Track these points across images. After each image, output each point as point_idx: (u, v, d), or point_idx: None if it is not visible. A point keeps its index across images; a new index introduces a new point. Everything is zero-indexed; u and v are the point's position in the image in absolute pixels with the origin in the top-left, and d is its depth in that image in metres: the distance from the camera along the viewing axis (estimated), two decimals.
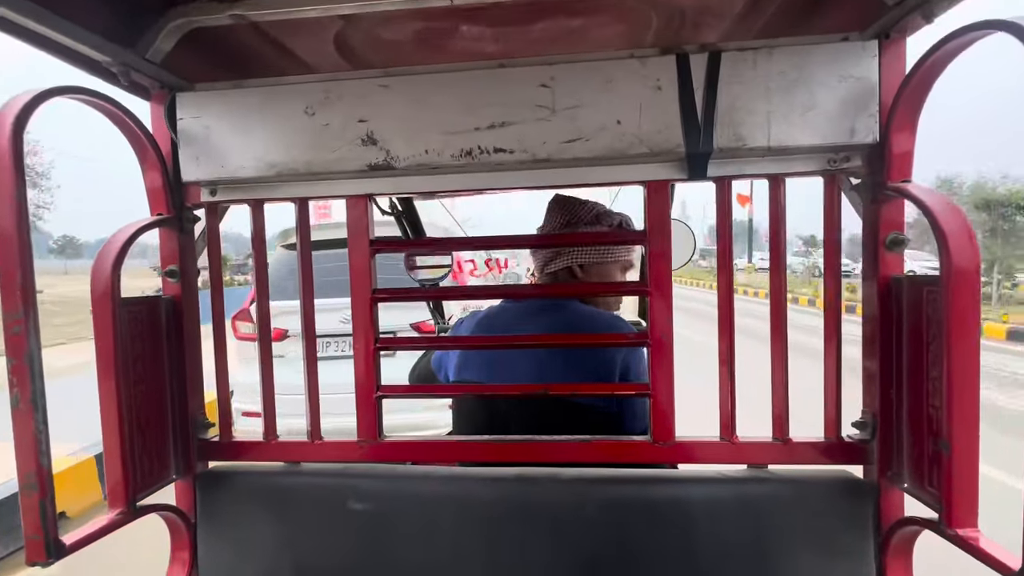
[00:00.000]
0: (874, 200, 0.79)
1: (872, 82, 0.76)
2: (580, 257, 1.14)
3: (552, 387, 0.89)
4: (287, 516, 0.91)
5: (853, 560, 0.81)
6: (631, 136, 0.79)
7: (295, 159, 0.85)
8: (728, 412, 0.85)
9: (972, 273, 0.63)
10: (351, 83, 0.84)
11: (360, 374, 0.90)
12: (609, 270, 1.16)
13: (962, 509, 0.65)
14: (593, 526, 0.84)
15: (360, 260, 0.88)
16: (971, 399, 0.64)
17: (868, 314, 0.83)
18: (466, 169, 0.83)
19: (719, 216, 0.85)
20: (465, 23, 0.91)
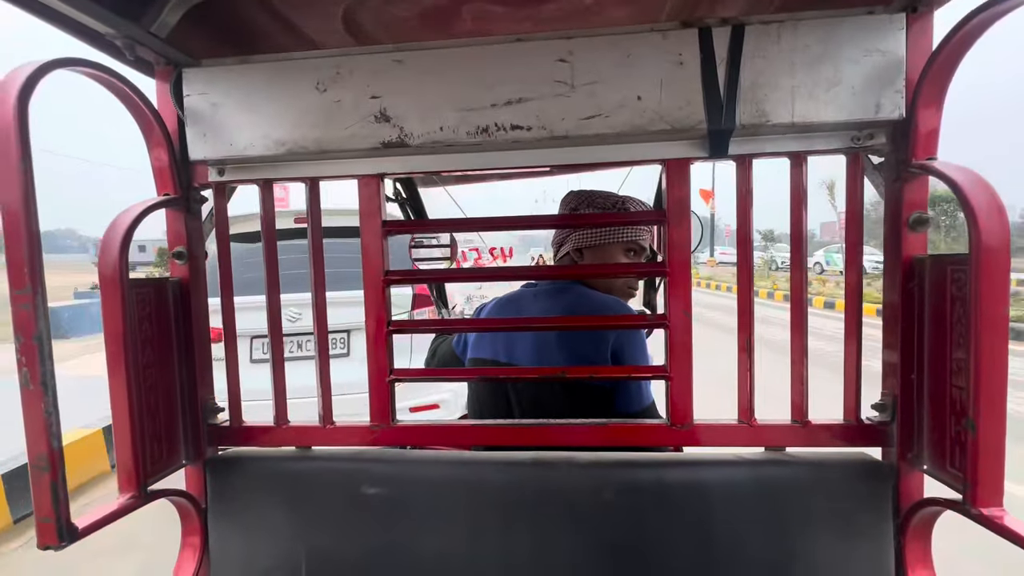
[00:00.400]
0: (897, 179, 0.78)
1: (899, 56, 0.74)
2: (579, 241, 1.17)
3: (570, 371, 0.88)
4: (299, 501, 0.90)
5: (872, 542, 0.80)
6: (651, 112, 0.78)
7: (305, 137, 0.83)
8: (747, 396, 0.84)
9: (1002, 250, 0.62)
10: (363, 58, 0.81)
11: (372, 358, 0.88)
12: (609, 253, 1.16)
13: (988, 488, 0.64)
14: (611, 510, 0.84)
15: (372, 241, 0.87)
16: (1000, 377, 0.63)
17: (889, 296, 0.81)
18: (482, 147, 0.82)
19: (740, 197, 0.83)
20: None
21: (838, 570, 0.81)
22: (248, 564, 0.90)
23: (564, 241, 1.20)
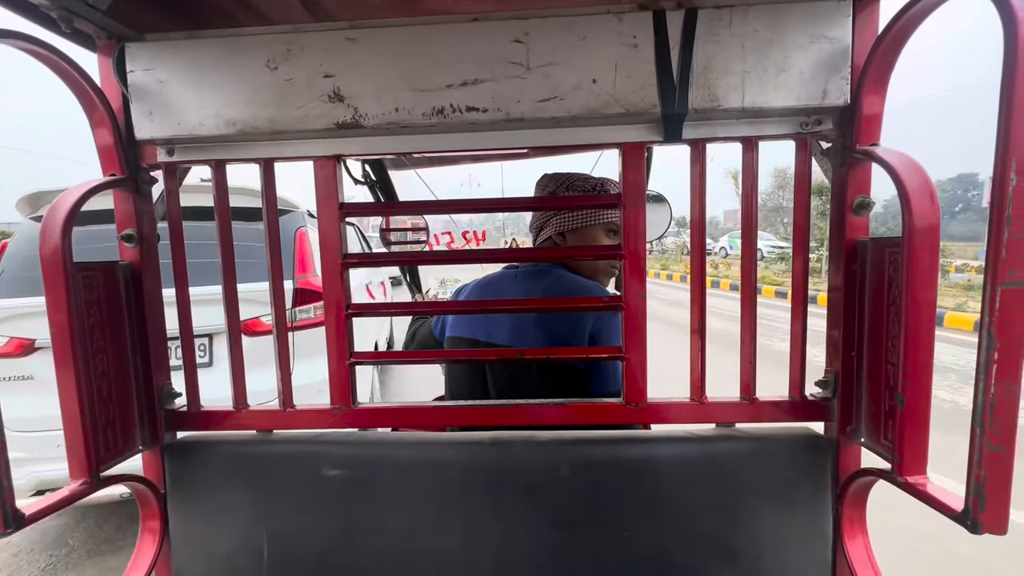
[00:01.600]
0: (843, 163, 0.80)
1: (845, 43, 0.76)
2: (561, 225, 1.18)
3: (528, 352, 0.89)
4: (260, 484, 0.90)
5: (813, 510, 0.85)
6: (606, 95, 0.78)
7: (257, 116, 0.81)
8: (698, 374, 0.87)
9: (932, 231, 0.65)
10: (315, 35, 0.79)
11: (332, 341, 0.88)
12: (592, 234, 1.18)
13: (913, 458, 0.68)
14: (568, 486, 0.86)
15: (329, 225, 0.86)
16: (926, 355, 0.66)
17: (833, 277, 0.85)
18: (438, 128, 0.81)
19: (694, 181, 0.85)
20: None
21: (781, 537, 0.86)
22: (209, 548, 0.90)
23: (544, 225, 1.21)
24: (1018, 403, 0.57)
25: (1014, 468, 0.58)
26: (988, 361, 0.56)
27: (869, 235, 0.81)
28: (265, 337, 2.50)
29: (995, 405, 0.57)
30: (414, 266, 2.19)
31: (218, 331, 2.50)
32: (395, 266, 2.10)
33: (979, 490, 0.58)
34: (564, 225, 1.18)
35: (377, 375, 4.04)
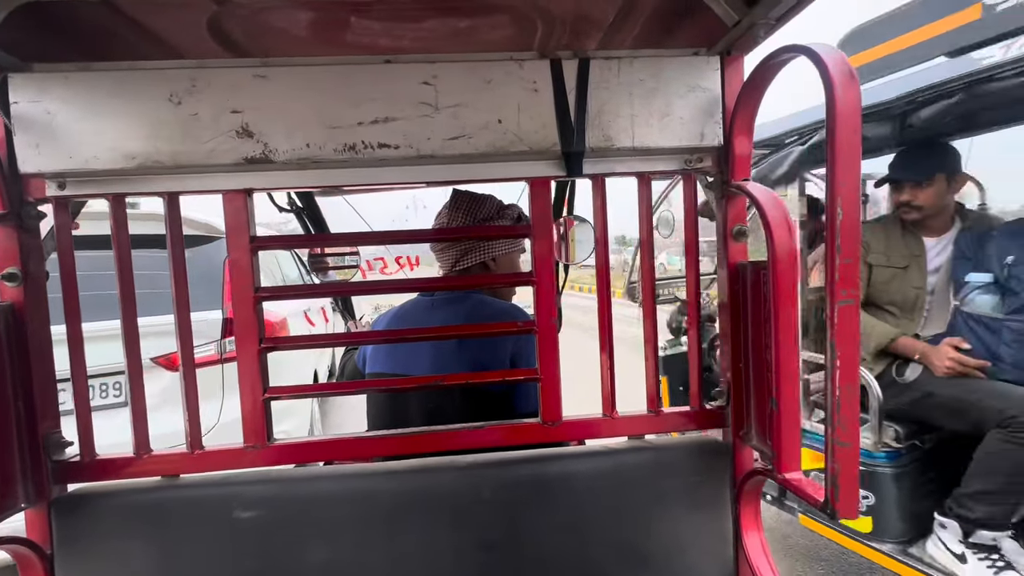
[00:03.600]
0: (723, 196, 0.91)
1: (716, 92, 0.87)
2: (493, 251, 1.20)
3: (447, 378, 0.91)
4: (163, 535, 0.85)
5: (715, 510, 0.92)
6: (511, 135, 0.84)
7: (159, 150, 0.79)
8: (608, 391, 0.93)
9: (790, 256, 0.75)
10: (222, 71, 0.80)
11: (245, 377, 0.86)
12: (516, 258, 1.22)
13: (788, 456, 0.77)
14: (490, 508, 0.88)
15: (240, 258, 0.84)
16: (792, 362, 0.76)
17: (721, 296, 0.94)
18: (349, 164, 0.83)
19: (596, 211, 0.92)
20: (353, 15, 0.90)
21: (688, 539, 0.92)
22: None
23: (469, 251, 1.21)
24: (858, 402, 0.67)
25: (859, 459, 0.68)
26: (832, 368, 0.65)
27: (748, 259, 0.92)
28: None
29: (840, 405, 0.66)
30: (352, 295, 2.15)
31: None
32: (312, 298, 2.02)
33: (834, 482, 0.67)
34: (499, 251, 1.21)
35: (317, 406, 3.86)
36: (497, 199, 1.24)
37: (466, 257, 1.22)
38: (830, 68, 0.63)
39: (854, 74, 0.63)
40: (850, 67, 0.64)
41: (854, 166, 0.63)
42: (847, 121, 0.62)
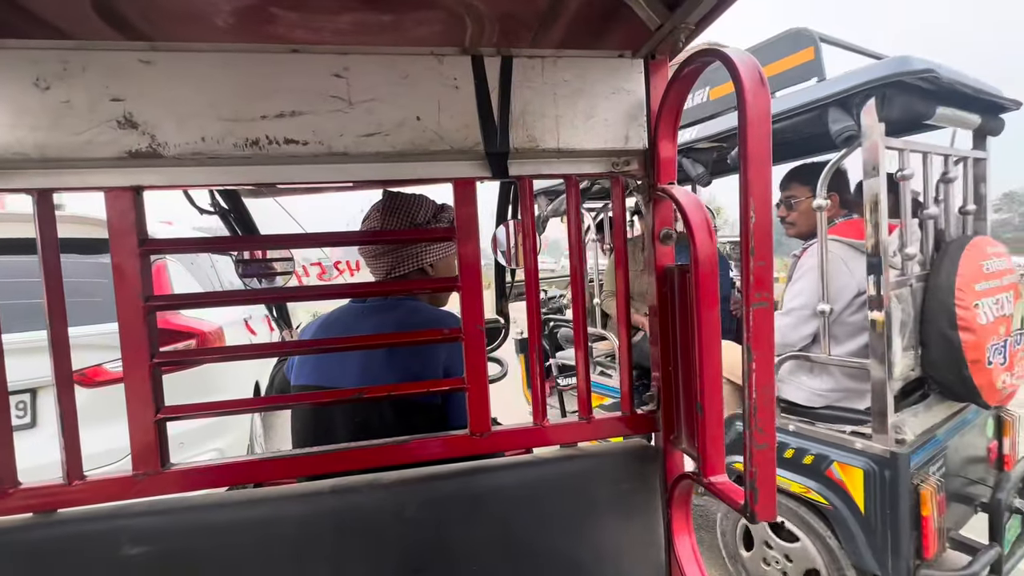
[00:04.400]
0: (649, 199, 0.90)
1: (641, 96, 0.86)
2: (430, 255, 1.15)
3: (369, 390, 0.85)
4: None
5: (647, 515, 0.91)
6: (431, 133, 0.80)
7: (22, 141, 0.69)
8: (539, 399, 0.90)
9: (711, 259, 0.75)
10: (99, 54, 0.71)
11: (134, 395, 0.77)
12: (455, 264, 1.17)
13: (712, 460, 0.77)
14: (415, 527, 0.83)
15: (126, 263, 0.76)
16: (715, 367, 0.76)
17: (650, 299, 0.94)
18: (253, 161, 0.76)
19: (523, 214, 0.89)
20: (270, 2, 0.83)
21: (621, 545, 0.91)
22: None
23: (407, 256, 1.15)
24: (774, 404, 0.67)
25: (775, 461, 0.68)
26: (749, 371, 0.65)
27: (675, 262, 0.92)
28: (112, 387, 2.13)
29: (757, 408, 0.66)
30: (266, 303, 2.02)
31: (44, 384, 2.09)
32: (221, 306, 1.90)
33: (752, 484, 0.66)
34: (435, 256, 1.15)
35: (259, 420, 3.63)
36: (431, 200, 1.19)
37: (403, 263, 1.15)
38: (742, 73, 0.63)
39: (764, 80, 0.64)
40: (761, 73, 0.64)
41: (765, 170, 0.63)
42: (758, 125, 0.62)
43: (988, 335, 1.66)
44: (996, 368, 1.70)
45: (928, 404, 1.84)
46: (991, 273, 1.73)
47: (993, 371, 1.68)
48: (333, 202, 1.88)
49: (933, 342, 1.69)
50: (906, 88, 1.55)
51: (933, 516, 1.56)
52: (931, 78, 1.53)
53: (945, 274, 1.68)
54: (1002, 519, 1.73)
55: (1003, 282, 1.77)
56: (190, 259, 2.99)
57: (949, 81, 1.57)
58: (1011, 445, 2.07)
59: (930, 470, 1.64)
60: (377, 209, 1.14)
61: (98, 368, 2.17)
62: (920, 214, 1.80)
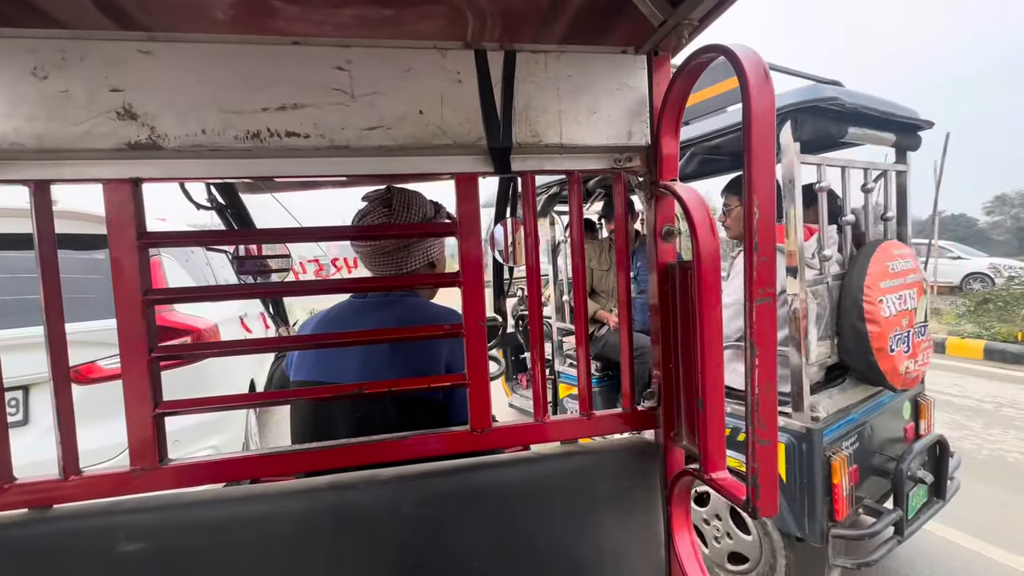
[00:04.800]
0: (651, 196, 0.90)
1: (643, 92, 0.86)
2: (434, 251, 1.15)
3: (368, 386, 0.85)
4: (34, 574, 0.73)
5: (647, 512, 0.92)
6: (434, 127, 0.79)
7: (19, 131, 0.68)
8: (540, 395, 0.90)
9: (713, 256, 0.75)
10: (98, 44, 0.70)
11: (132, 390, 0.76)
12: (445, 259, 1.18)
13: (714, 456, 0.77)
14: (414, 524, 0.83)
15: (124, 256, 0.75)
16: (716, 363, 0.76)
17: (652, 296, 0.94)
18: (254, 153, 0.75)
19: (525, 210, 0.89)
20: None
21: (621, 542, 0.91)
22: None
23: (415, 252, 1.12)
24: (776, 400, 0.67)
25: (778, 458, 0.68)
26: (751, 367, 0.65)
27: (677, 259, 0.92)
28: (106, 384, 2.11)
29: (759, 404, 0.66)
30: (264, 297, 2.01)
31: (38, 381, 2.07)
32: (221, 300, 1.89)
33: (755, 480, 0.67)
34: (436, 250, 1.15)
35: (255, 417, 3.60)
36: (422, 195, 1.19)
37: (415, 259, 1.13)
38: (746, 68, 0.63)
39: (769, 75, 0.64)
40: (766, 68, 0.64)
41: (769, 166, 0.63)
42: (762, 121, 0.62)
43: (891, 327, 1.89)
44: (899, 355, 1.93)
45: (844, 388, 2.03)
46: (896, 273, 1.96)
47: (896, 358, 1.91)
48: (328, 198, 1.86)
49: (846, 333, 1.92)
50: (817, 112, 1.77)
51: (843, 484, 1.76)
52: (837, 104, 1.77)
53: (857, 273, 1.89)
54: (903, 487, 1.92)
55: (907, 280, 2.00)
56: (185, 256, 2.97)
57: (853, 106, 1.82)
58: (927, 426, 2.31)
59: (842, 445, 1.85)
60: (384, 205, 1.11)
61: (92, 365, 2.15)
62: (839, 220, 2.01)
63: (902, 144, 2.23)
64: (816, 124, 1.79)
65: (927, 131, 2.29)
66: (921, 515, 2.06)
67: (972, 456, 3.50)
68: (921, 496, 2.09)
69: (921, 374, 2.10)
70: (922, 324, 2.09)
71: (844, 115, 1.86)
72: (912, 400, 2.29)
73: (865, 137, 2.01)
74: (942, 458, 2.16)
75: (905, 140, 2.21)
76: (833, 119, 1.85)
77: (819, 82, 2.10)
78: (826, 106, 1.77)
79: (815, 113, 1.78)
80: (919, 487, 2.04)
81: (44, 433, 2.06)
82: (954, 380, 5.36)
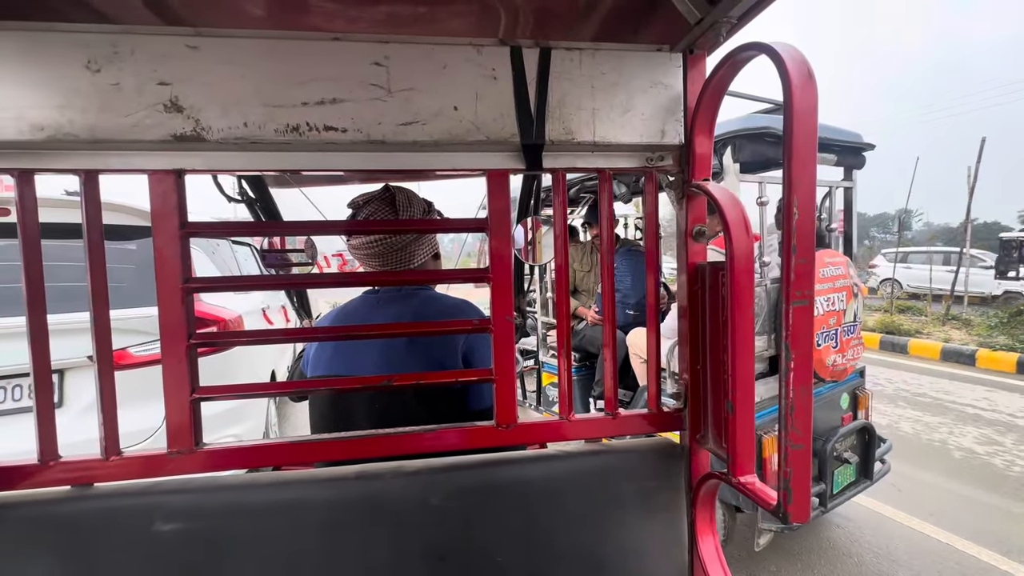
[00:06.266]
0: (683, 195, 0.90)
1: (678, 90, 0.86)
2: (435, 244, 1.18)
3: (396, 378, 0.86)
4: (75, 550, 0.76)
5: (670, 514, 0.91)
6: (468, 123, 0.80)
7: (73, 122, 0.71)
8: (565, 394, 0.90)
9: (748, 257, 0.74)
10: (148, 39, 0.72)
11: (171, 376, 0.78)
12: None
13: (743, 460, 0.76)
14: (439, 516, 0.84)
15: (167, 245, 0.77)
16: (747, 365, 0.75)
17: (681, 297, 0.93)
18: (293, 147, 0.77)
19: (556, 207, 0.89)
20: None
21: (644, 543, 0.90)
22: None
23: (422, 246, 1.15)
24: (811, 404, 0.66)
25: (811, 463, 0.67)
26: (787, 370, 0.64)
27: (707, 260, 0.91)
28: (136, 371, 2.18)
29: (794, 408, 0.65)
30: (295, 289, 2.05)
31: (72, 365, 2.13)
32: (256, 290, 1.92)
33: (786, 485, 0.66)
34: (436, 243, 1.18)
35: (274, 408, 3.68)
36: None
37: (422, 252, 1.15)
38: (789, 67, 0.62)
39: (812, 74, 0.63)
40: (809, 67, 0.63)
41: (810, 166, 0.62)
42: (804, 121, 0.61)
43: (819, 324, 2.21)
44: (827, 350, 2.25)
45: None
46: (825, 278, 2.28)
47: (823, 351, 2.24)
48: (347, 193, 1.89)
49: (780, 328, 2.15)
50: (754, 138, 2.11)
51: (772, 459, 2.01)
52: (769, 133, 2.12)
53: None
54: (828, 464, 2.22)
55: (835, 285, 2.31)
56: (211, 248, 3.04)
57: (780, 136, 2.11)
58: (864, 416, 2.57)
59: (775, 426, 2.05)
60: (387, 203, 1.12)
61: (123, 352, 2.22)
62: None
63: (844, 163, 2.58)
64: (754, 148, 2.12)
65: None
66: (847, 491, 2.37)
67: (1004, 473, 3.40)
68: (848, 475, 2.39)
69: (851, 367, 2.41)
70: (851, 324, 2.38)
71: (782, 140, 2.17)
72: (851, 392, 2.54)
73: None
74: (870, 443, 2.46)
75: (848, 160, 2.56)
76: (771, 144, 2.18)
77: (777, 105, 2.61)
78: (760, 133, 2.10)
79: (752, 139, 2.11)
80: (845, 466, 2.34)
81: (77, 415, 2.13)
82: (984, 393, 5.19)
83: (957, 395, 5.14)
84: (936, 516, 2.89)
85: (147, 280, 2.42)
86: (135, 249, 2.36)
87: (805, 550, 2.59)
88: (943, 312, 8.65)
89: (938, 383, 5.62)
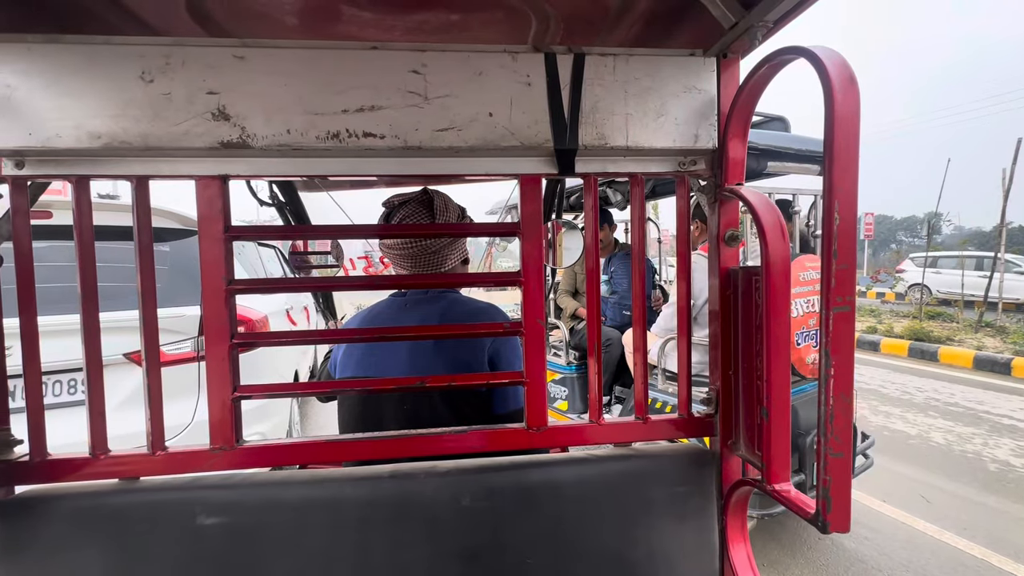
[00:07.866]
0: (715, 200, 0.89)
1: (712, 95, 0.85)
2: (466, 249, 1.20)
3: (430, 380, 0.87)
4: (122, 541, 0.79)
5: (701, 521, 0.90)
6: (502, 129, 0.81)
7: (127, 131, 0.74)
8: (595, 397, 0.90)
9: (784, 261, 0.73)
10: (198, 50, 0.75)
11: (214, 375, 0.81)
12: None
13: (778, 467, 0.75)
14: (470, 516, 0.84)
15: (212, 248, 0.80)
16: (783, 371, 0.74)
17: (713, 302, 0.93)
18: (332, 153, 0.79)
19: (587, 211, 0.89)
20: (341, 3, 0.87)
21: (674, 550, 0.89)
22: None
23: (454, 250, 1.16)
24: (852, 411, 0.65)
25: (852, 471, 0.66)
26: (827, 377, 0.64)
27: (740, 264, 0.91)
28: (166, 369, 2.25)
29: (834, 415, 0.64)
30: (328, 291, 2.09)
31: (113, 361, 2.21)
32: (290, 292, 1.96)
33: (826, 494, 0.65)
34: (466, 250, 1.20)
35: (297, 407, 3.76)
36: None
37: (454, 256, 1.17)
38: (830, 71, 0.61)
39: (854, 78, 0.62)
40: (851, 70, 0.62)
41: (852, 171, 0.62)
42: (846, 125, 0.61)
43: (798, 325, 2.36)
44: (806, 349, 2.40)
45: None
46: (805, 281, 2.41)
47: (802, 350, 2.38)
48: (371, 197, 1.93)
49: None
50: None
51: None
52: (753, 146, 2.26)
53: None
54: (807, 456, 2.29)
55: (815, 288, 2.43)
56: (238, 249, 3.12)
57: (766, 147, 2.34)
58: None
59: None
60: (424, 206, 1.13)
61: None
62: None
63: None
64: None
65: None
66: None
67: None
68: None
69: None
70: None
71: (762, 153, 2.35)
72: None
73: (787, 168, 2.50)
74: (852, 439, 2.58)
75: None
76: (753, 156, 2.31)
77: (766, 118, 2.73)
78: None
79: None
80: None
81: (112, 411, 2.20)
82: (1021, 404, 5.00)
83: (992, 405, 4.97)
84: (970, 530, 2.79)
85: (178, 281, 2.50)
86: (168, 251, 2.43)
87: (832, 563, 2.53)
88: (976, 319, 8.36)
89: (971, 392, 5.43)
